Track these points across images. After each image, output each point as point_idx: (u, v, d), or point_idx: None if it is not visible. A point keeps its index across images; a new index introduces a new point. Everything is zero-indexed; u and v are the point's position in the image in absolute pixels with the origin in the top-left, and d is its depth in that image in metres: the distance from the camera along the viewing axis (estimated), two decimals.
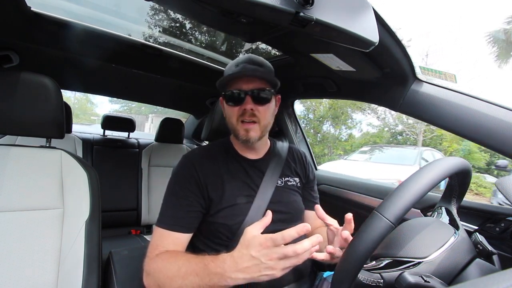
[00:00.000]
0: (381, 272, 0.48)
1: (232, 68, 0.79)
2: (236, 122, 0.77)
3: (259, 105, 0.76)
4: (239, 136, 0.77)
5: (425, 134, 11.69)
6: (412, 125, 12.03)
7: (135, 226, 1.90)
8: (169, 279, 0.59)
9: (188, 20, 1.78)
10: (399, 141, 12.88)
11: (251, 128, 0.76)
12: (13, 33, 1.07)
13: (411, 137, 12.26)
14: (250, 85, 0.75)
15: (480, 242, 0.55)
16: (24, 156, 0.81)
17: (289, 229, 0.49)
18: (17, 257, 0.74)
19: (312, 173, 0.95)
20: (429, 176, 0.45)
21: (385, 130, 13.50)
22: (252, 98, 0.75)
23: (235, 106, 0.76)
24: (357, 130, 13.55)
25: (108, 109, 28.88)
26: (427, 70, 0.90)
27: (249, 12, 0.47)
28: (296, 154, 0.95)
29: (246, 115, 0.75)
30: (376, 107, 12.46)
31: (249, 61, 0.78)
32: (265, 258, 0.50)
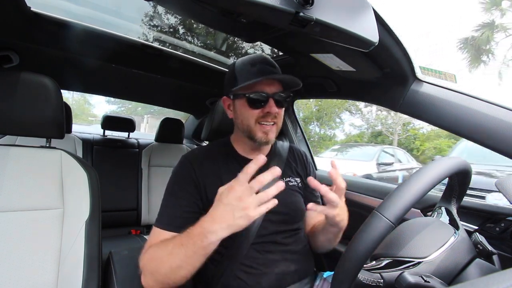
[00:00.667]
0: (381, 272, 0.48)
1: (248, 68, 0.77)
2: (254, 124, 0.75)
3: (279, 108, 0.76)
4: (256, 138, 0.76)
5: (400, 134, 13.35)
6: (390, 126, 13.54)
7: (135, 226, 1.90)
8: (159, 261, 0.60)
9: (188, 21, 1.79)
10: (377, 140, 14.01)
11: (270, 129, 0.76)
12: (13, 33, 1.07)
13: (388, 137, 13.50)
14: (272, 88, 0.74)
15: (480, 242, 0.55)
16: (24, 156, 0.81)
17: (247, 165, 0.52)
18: (17, 257, 0.74)
19: (313, 173, 0.95)
20: (429, 176, 0.45)
21: (366, 130, 15.01)
22: (275, 101, 0.74)
23: (255, 109, 0.75)
24: (340, 130, 15.24)
25: (105, 110, 29.59)
26: (427, 70, 0.90)
27: (249, 12, 0.47)
28: (297, 154, 0.94)
29: (269, 117, 0.75)
30: (361, 107, 13.84)
31: (266, 62, 0.77)
32: (235, 201, 0.51)
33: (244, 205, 0.51)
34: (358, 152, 6.94)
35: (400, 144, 12.82)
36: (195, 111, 2.43)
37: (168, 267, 0.58)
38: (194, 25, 1.82)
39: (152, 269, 0.61)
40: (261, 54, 0.81)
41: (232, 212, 0.52)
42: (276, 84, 0.75)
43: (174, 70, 1.46)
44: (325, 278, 0.83)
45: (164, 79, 1.59)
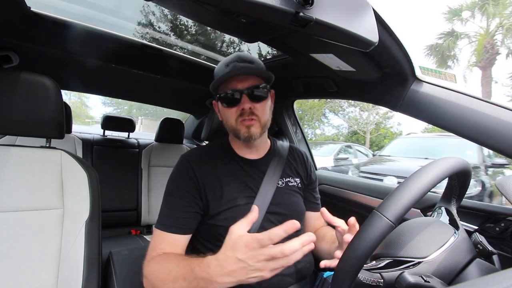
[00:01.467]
0: (381, 271, 0.48)
1: (222, 68, 0.78)
2: (235, 122, 0.75)
3: (257, 102, 0.74)
4: (240, 135, 0.75)
5: (372, 133, 15.18)
6: (364, 125, 15.26)
7: (135, 226, 1.90)
8: (161, 281, 0.59)
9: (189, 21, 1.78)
10: (352, 139, 15.94)
11: (252, 124, 0.74)
12: (13, 33, 1.07)
13: (363, 136, 15.31)
14: (245, 84, 0.73)
15: (480, 242, 0.55)
16: (24, 156, 0.81)
17: (276, 228, 0.46)
18: (17, 257, 0.74)
19: (314, 174, 0.94)
20: (430, 176, 0.45)
21: (344, 130, 17.20)
22: (248, 97, 0.73)
23: (232, 107, 0.75)
24: (320, 129, 17.42)
25: (101, 112, 30.22)
26: (427, 70, 0.90)
27: (249, 12, 0.47)
28: (297, 154, 0.93)
29: (245, 114, 0.74)
30: (345, 107, 15.50)
31: (239, 59, 0.76)
32: (252, 261, 0.47)
33: (261, 268, 0.47)
34: (322, 148, 8.41)
35: (372, 142, 14.69)
36: (195, 111, 2.43)
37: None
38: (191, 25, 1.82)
39: (153, 283, 0.61)
40: (237, 53, 0.80)
41: (246, 270, 0.47)
42: (250, 79, 0.74)
43: (174, 70, 1.46)
44: (325, 278, 0.82)
45: (164, 79, 1.59)
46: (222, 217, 0.72)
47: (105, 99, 23.74)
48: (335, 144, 9.22)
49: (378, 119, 15.48)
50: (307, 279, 0.79)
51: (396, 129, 16.44)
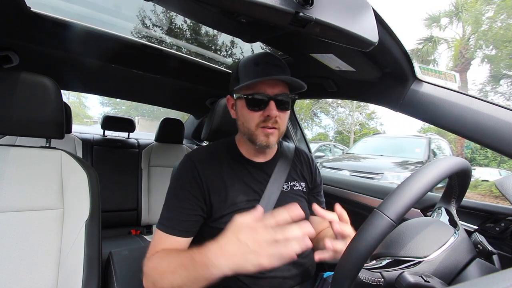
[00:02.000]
0: (381, 271, 0.48)
1: (251, 67, 0.71)
2: (255, 127, 0.72)
3: (282, 111, 0.71)
4: (257, 142, 0.72)
5: (356, 132, 16.51)
6: (349, 125, 16.82)
7: (135, 226, 1.90)
8: (161, 275, 0.59)
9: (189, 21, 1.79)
10: (338, 138, 17.61)
11: (272, 133, 0.72)
12: (13, 33, 1.07)
13: (347, 135, 16.78)
14: (274, 89, 0.70)
15: (480, 242, 0.55)
16: (24, 156, 0.81)
17: (279, 210, 0.47)
18: (17, 257, 0.74)
19: (319, 177, 0.92)
20: (430, 175, 0.45)
21: (331, 130, 18.88)
22: (276, 104, 0.70)
23: (256, 111, 0.71)
24: (309, 130, 18.89)
25: (99, 112, 30.93)
26: (427, 70, 0.90)
27: (249, 12, 0.47)
28: (303, 157, 0.91)
29: (270, 121, 0.70)
30: (336, 106, 16.78)
31: (270, 60, 0.72)
32: (252, 242, 0.46)
33: (260, 251, 0.45)
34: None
35: (356, 141, 16.38)
36: (195, 111, 2.43)
37: (170, 284, 0.57)
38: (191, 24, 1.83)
39: (154, 279, 0.60)
40: (266, 53, 0.76)
41: (244, 253, 0.46)
42: (280, 85, 0.71)
43: (174, 70, 1.46)
44: (325, 278, 0.82)
45: (164, 79, 1.59)
46: (225, 220, 0.71)
47: (103, 99, 23.93)
48: (317, 143, 9.94)
49: (362, 120, 17.32)
50: (308, 281, 0.79)
51: (380, 129, 18.11)
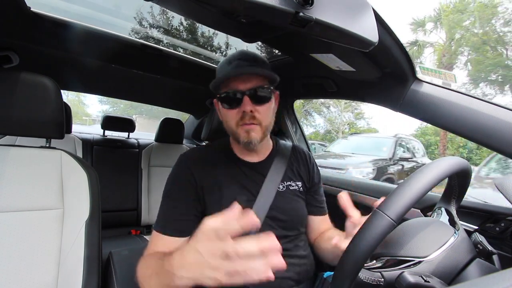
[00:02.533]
0: (381, 271, 0.48)
1: (225, 66, 0.73)
2: (236, 126, 0.72)
3: (259, 105, 0.70)
4: (240, 140, 0.72)
5: (343, 132, 17.44)
6: (338, 125, 17.90)
7: (135, 226, 1.90)
8: (143, 278, 0.59)
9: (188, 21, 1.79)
10: (326, 137, 18.51)
11: (252, 128, 0.71)
12: (13, 33, 1.07)
13: (335, 134, 17.80)
14: (247, 84, 0.69)
15: (480, 242, 0.55)
16: (24, 156, 0.81)
17: (232, 219, 0.42)
18: (17, 257, 0.74)
19: (318, 176, 0.90)
20: (430, 175, 0.45)
21: (321, 129, 19.90)
22: (250, 99, 0.69)
23: (232, 109, 0.71)
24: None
25: (98, 110, 31.27)
26: (427, 70, 0.90)
27: (249, 12, 0.47)
28: (301, 156, 0.90)
29: (246, 118, 0.70)
30: (327, 106, 17.68)
31: (243, 57, 0.72)
32: (207, 255, 0.40)
33: (215, 265, 0.39)
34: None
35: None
36: (195, 111, 2.43)
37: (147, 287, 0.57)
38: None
39: (140, 281, 0.60)
40: (241, 50, 0.75)
41: (201, 266, 0.40)
42: (253, 79, 0.69)
43: (174, 70, 1.46)
44: (325, 279, 0.82)
45: (164, 79, 1.59)
46: None
47: (102, 97, 23.99)
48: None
49: (350, 119, 18.41)
50: (307, 281, 0.79)
51: (369, 128, 19.10)
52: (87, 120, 19.76)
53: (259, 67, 0.72)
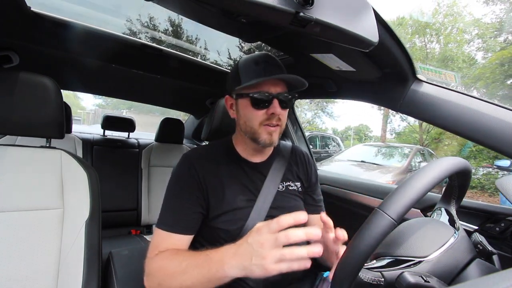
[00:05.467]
0: (382, 271, 0.48)
1: (252, 66, 0.73)
2: (259, 125, 0.73)
3: (284, 109, 0.73)
4: (259, 140, 0.73)
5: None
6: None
7: (135, 226, 1.90)
8: (170, 276, 0.59)
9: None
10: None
11: (275, 130, 0.73)
12: (13, 33, 1.07)
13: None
14: (277, 88, 0.72)
15: (480, 242, 0.55)
16: (24, 156, 0.81)
17: (285, 214, 0.48)
18: (17, 257, 0.74)
19: (315, 176, 0.92)
20: (431, 175, 0.45)
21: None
22: (279, 102, 0.72)
23: (259, 110, 0.72)
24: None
25: (92, 103, 32.31)
26: (427, 70, 0.90)
27: (249, 12, 0.47)
28: (299, 157, 0.91)
29: (274, 119, 0.72)
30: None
31: (270, 60, 0.74)
32: (256, 244, 0.48)
33: (263, 254, 0.47)
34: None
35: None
36: (195, 111, 2.43)
37: (179, 284, 0.57)
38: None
39: (160, 280, 0.60)
40: (265, 53, 0.77)
41: (251, 255, 0.48)
42: (281, 84, 0.73)
43: (174, 70, 1.46)
44: (325, 278, 0.82)
45: (164, 79, 1.59)
46: (222, 220, 0.72)
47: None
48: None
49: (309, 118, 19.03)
50: (306, 280, 0.79)
51: (323, 126, 19.89)
52: (82, 113, 19.81)
53: (284, 72, 0.75)
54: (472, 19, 12.09)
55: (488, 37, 11.58)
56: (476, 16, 12.45)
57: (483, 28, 11.76)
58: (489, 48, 11.71)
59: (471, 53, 12.14)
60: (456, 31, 12.19)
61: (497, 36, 11.58)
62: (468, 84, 11.07)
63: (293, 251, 0.46)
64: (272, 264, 0.47)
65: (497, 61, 10.04)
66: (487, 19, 11.82)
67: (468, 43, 12.31)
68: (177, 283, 0.57)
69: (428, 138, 12.34)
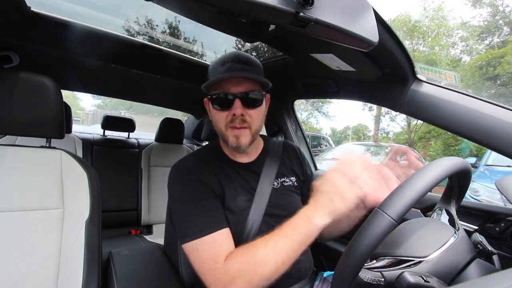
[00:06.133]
0: (382, 271, 0.48)
1: (218, 67, 0.72)
2: (225, 128, 0.72)
3: (250, 109, 0.71)
4: (228, 143, 0.73)
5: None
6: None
7: (135, 226, 1.90)
8: (261, 263, 0.55)
9: None
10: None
11: (242, 134, 0.71)
12: (13, 33, 1.07)
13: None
14: (239, 87, 0.69)
15: (480, 242, 0.55)
16: (24, 156, 0.81)
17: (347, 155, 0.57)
18: (17, 257, 0.74)
19: (309, 168, 0.92)
20: (431, 175, 0.45)
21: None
22: (242, 102, 0.69)
23: (222, 111, 0.71)
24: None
25: (91, 104, 33.23)
26: (427, 70, 0.90)
27: (249, 12, 0.47)
28: (291, 151, 0.91)
29: (236, 121, 0.70)
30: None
31: (236, 59, 0.71)
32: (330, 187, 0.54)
33: (340, 191, 0.53)
34: None
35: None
36: (195, 111, 2.43)
37: (273, 265, 0.54)
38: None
39: (250, 276, 0.55)
40: (235, 52, 0.75)
41: (329, 197, 0.53)
42: (245, 83, 0.70)
43: (174, 70, 1.46)
44: (325, 278, 0.82)
45: (164, 79, 1.59)
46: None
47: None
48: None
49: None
50: (306, 279, 0.79)
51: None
52: (81, 114, 19.85)
53: (252, 71, 0.72)
54: (460, 22, 12.70)
55: (472, 40, 12.15)
56: (465, 19, 13.18)
57: (468, 31, 12.38)
58: (472, 50, 12.32)
59: (456, 56, 12.64)
60: (442, 34, 12.78)
61: (484, 39, 11.99)
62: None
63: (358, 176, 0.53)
64: (349, 192, 0.52)
65: (476, 64, 10.34)
66: (475, 21, 12.49)
67: (452, 46, 12.96)
68: (271, 264, 0.54)
69: (415, 138, 13.02)
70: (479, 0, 12.00)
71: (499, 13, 11.72)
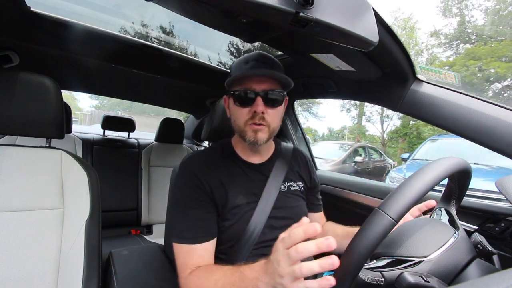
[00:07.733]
0: (382, 271, 0.48)
1: (241, 65, 0.74)
2: (244, 124, 0.73)
3: (270, 107, 0.72)
4: (246, 138, 0.73)
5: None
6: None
7: (135, 226, 1.90)
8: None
9: None
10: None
11: (260, 129, 0.72)
12: (13, 33, 1.07)
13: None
14: (261, 86, 0.70)
15: (480, 242, 0.55)
16: (24, 156, 0.81)
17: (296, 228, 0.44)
18: (17, 257, 0.74)
19: (317, 177, 0.93)
20: (431, 175, 0.45)
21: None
22: (263, 100, 0.70)
23: (243, 107, 0.72)
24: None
25: (89, 104, 32.90)
26: (427, 69, 0.90)
27: (249, 12, 0.47)
28: (300, 157, 0.92)
29: (256, 118, 0.71)
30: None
31: (260, 59, 0.73)
32: (275, 262, 0.45)
33: (280, 272, 0.44)
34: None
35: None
36: (195, 111, 2.43)
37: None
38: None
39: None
40: (258, 52, 0.77)
41: (274, 273, 0.45)
42: (268, 82, 0.71)
43: (174, 70, 1.46)
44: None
45: (164, 79, 1.59)
46: (225, 224, 0.72)
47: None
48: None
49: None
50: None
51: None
52: (78, 114, 19.87)
53: (275, 70, 0.73)
54: (431, 31, 13.51)
55: (439, 48, 13.11)
56: (438, 27, 13.87)
57: (439, 39, 13.19)
58: (434, 59, 13.19)
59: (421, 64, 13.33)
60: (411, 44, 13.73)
61: (448, 48, 12.91)
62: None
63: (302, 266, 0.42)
64: (290, 284, 0.43)
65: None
66: (446, 30, 13.12)
67: (420, 55, 13.91)
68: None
69: (387, 138, 14.77)
70: (449, 10, 12.62)
71: (465, 23, 12.37)
